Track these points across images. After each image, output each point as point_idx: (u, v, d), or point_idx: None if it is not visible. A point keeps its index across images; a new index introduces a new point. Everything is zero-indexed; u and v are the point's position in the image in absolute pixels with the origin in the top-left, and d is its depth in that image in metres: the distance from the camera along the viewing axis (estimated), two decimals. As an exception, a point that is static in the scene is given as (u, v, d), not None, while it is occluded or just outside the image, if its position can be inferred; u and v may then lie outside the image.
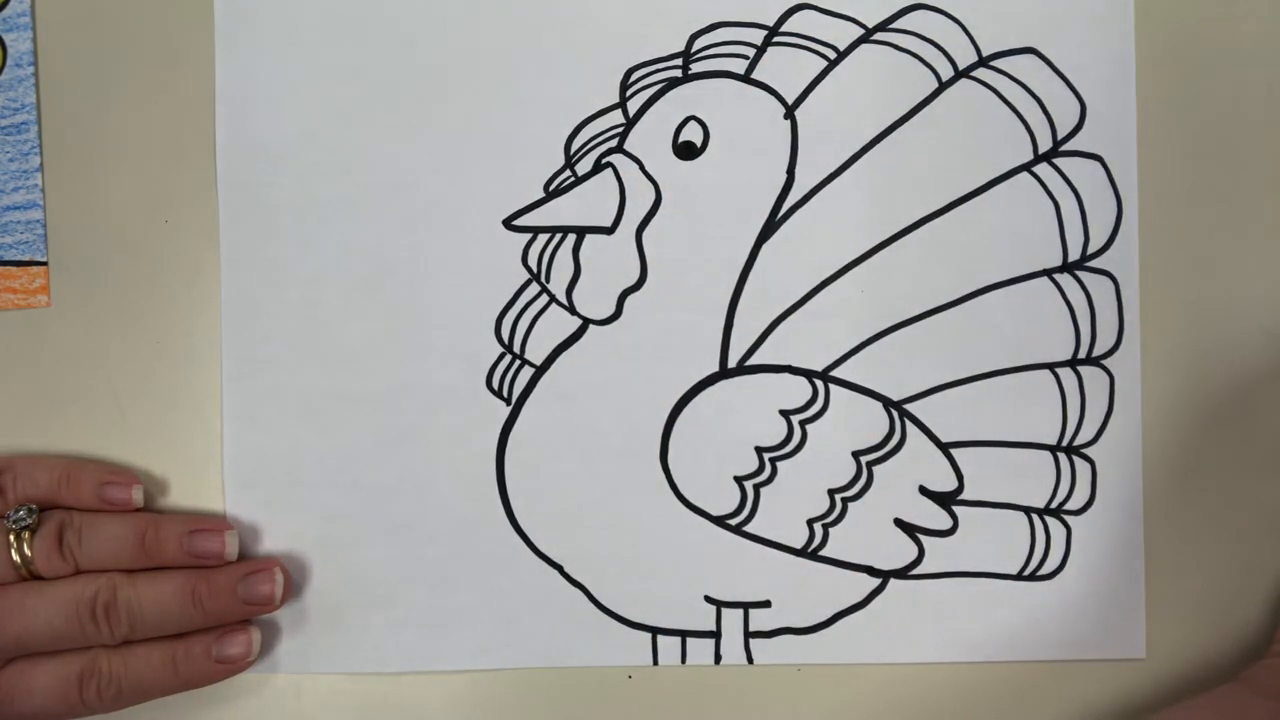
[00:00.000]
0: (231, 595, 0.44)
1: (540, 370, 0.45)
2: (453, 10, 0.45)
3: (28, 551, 0.42)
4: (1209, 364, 0.45)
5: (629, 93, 0.45)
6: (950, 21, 0.45)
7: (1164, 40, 0.45)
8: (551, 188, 0.45)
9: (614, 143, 0.45)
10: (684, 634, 0.45)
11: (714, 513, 0.45)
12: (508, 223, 0.45)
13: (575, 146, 0.45)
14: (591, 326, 0.45)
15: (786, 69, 0.45)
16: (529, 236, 0.45)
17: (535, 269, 0.45)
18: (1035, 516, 0.45)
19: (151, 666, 0.43)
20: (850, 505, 0.45)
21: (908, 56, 0.45)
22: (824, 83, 0.45)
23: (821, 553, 0.45)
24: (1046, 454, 0.45)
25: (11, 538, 0.42)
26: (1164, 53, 0.45)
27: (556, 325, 0.45)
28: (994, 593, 0.45)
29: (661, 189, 0.45)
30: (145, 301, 0.45)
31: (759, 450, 0.45)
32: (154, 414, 0.45)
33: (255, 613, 0.44)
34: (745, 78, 0.45)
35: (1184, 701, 0.43)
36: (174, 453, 0.45)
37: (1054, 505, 0.45)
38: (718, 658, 0.45)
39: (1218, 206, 0.45)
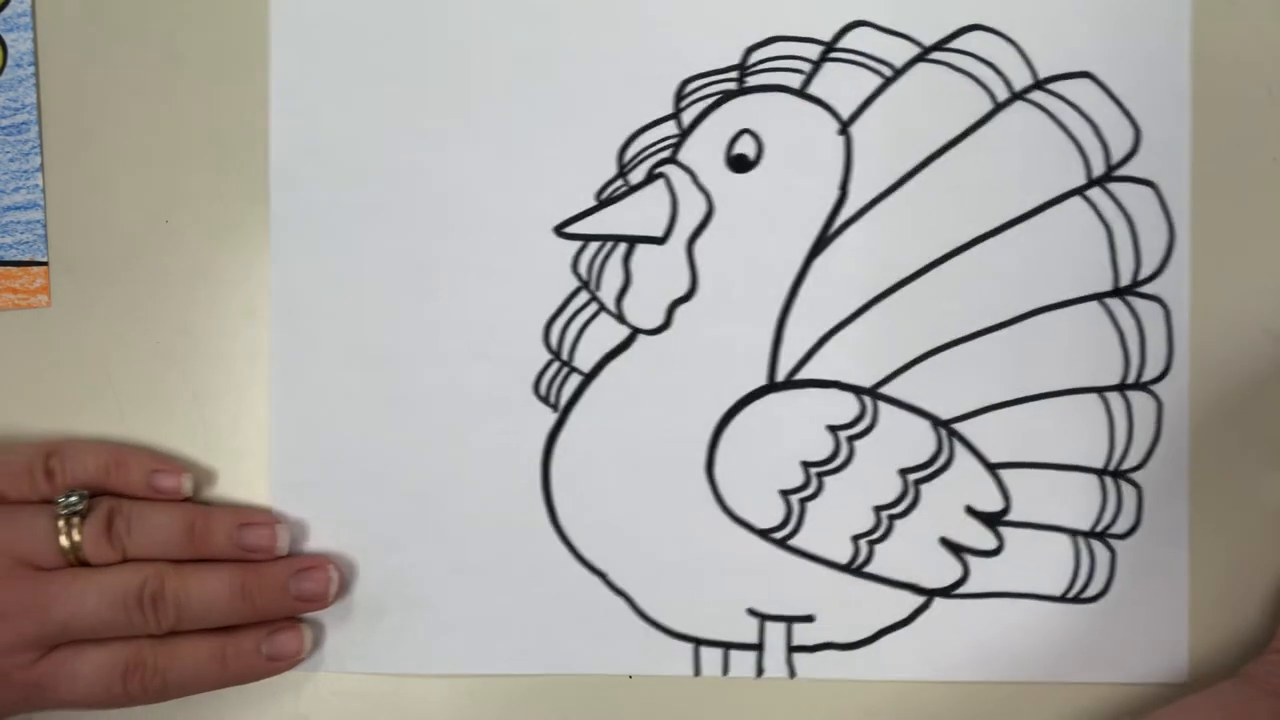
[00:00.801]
0: (282, 591, 0.44)
1: (588, 378, 0.45)
2: (508, 16, 0.45)
3: (77, 537, 0.42)
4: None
5: (683, 104, 0.45)
6: (1006, 43, 0.45)
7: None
8: (603, 196, 0.45)
9: (667, 153, 0.45)
10: (727, 646, 0.45)
11: (759, 525, 0.45)
12: (559, 230, 0.45)
13: (628, 156, 0.45)
14: (640, 336, 0.45)
15: (842, 85, 0.45)
16: (579, 244, 0.45)
17: (585, 277, 0.45)
18: (1080, 539, 0.45)
19: (199, 660, 0.42)
20: (896, 523, 0.45)
21: (964, 76, 0.45)
22: (879, 100, 0.45)
23: (866, 569, 0.45)
24: (1093, 477, 0.45)
25: (61, 523, 0.42)
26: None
27: (605, 334, 0.45)
28: (1038, 614, 0.45)
29: (714, 200, 0.45)
30: (146, 301, 0.45)
31: (805, 465, 0.45)
32: (154, 415, 0.45)
33: (305, 609, 0.44)
34: (800, 92, 0.45)
35: (1185, 699, 0.43)
36: (174, 453, 0.45)
37: (1099, 529, 0.45)
38: (760, 670, 0.45)
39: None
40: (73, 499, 0.42)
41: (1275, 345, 0.45)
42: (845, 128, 0.45)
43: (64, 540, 0.42)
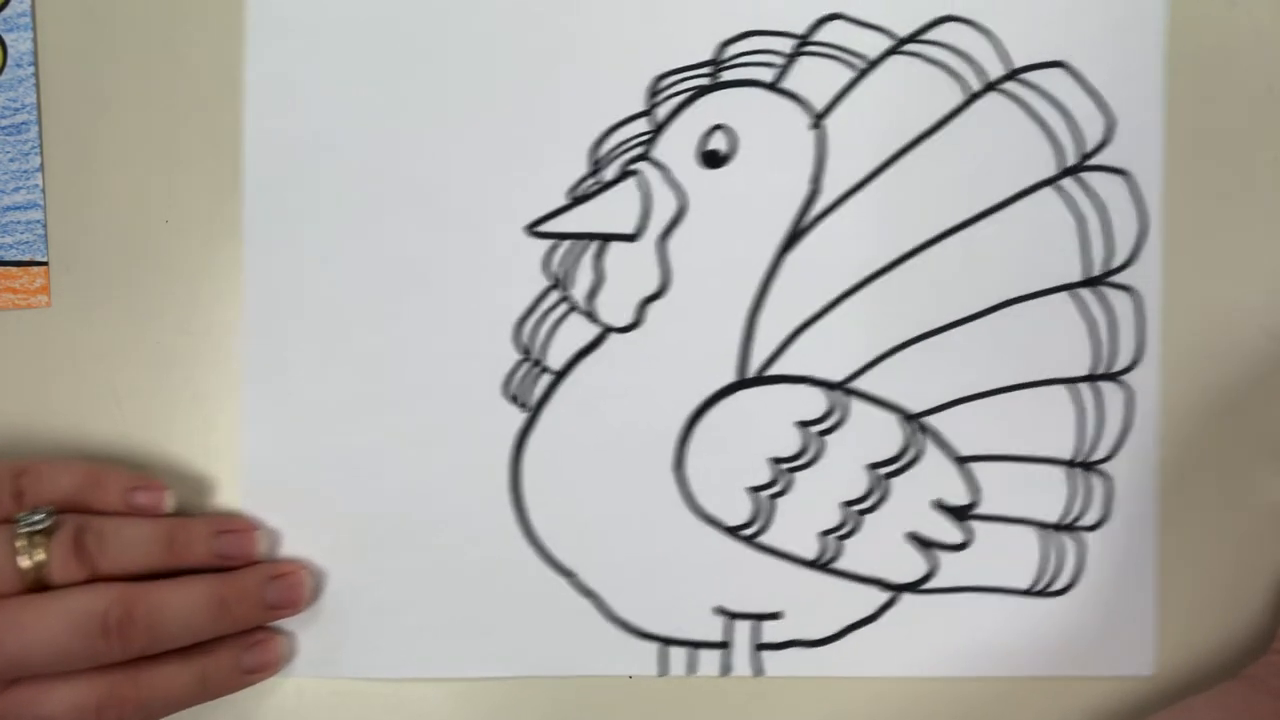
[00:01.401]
0: (258, 600, 0.43)
1: (559, 377, 0.45)
2: (480, 15, 0.45)
3: (40, 556, 0.39)
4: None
5: (656, 100, 0.45)
6: (980, 34, 0.45)
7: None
8: (576, 194, 0.45)
9: (640, 150, 0.45)
10: (693, 644, 0.45)
11: (728, 523, 0.45)
12: (531, 229, 0.45)
13: (601, 153, 0.45)
14: (611, 334, 0.45)
15: (816, 78, 0.45)
16: (550, 243, 0.45)
17: (556, 275, 0.45)
18: (1049, 532, 0.45)
19: (178, 686, 0.41)
20: (865, 518, 0.45)
21: (937, 68, 0.45)
22: (853, 93, 0.45)
23: (834, 566, 0.45)
24: (1062, 469, 0.45)
25: (19, 543, 0.39)
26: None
27: (576, 332, 0.45)
28: (1005, 608, 0.45)
29: (687, 197, 0.45)
30: (146, 301, 0.45)
31: (774, 461, 0.45)
32: (153, 415, 0.45)
33: (279, 617, 0.44)
34: (774, 87, 0.45)
35: (1187, 700, 0.43)
36: (174, 454, 0.45)
37: (1068, 521, 0.45)
38: (726, 669, 0.45)
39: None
40: (36, 516, 0.40)
41: (1269, 343, 0.45)
42: (818, 121, 0.45)
43: (24, 561, 0.39)
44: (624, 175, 0.45)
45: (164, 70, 0.45)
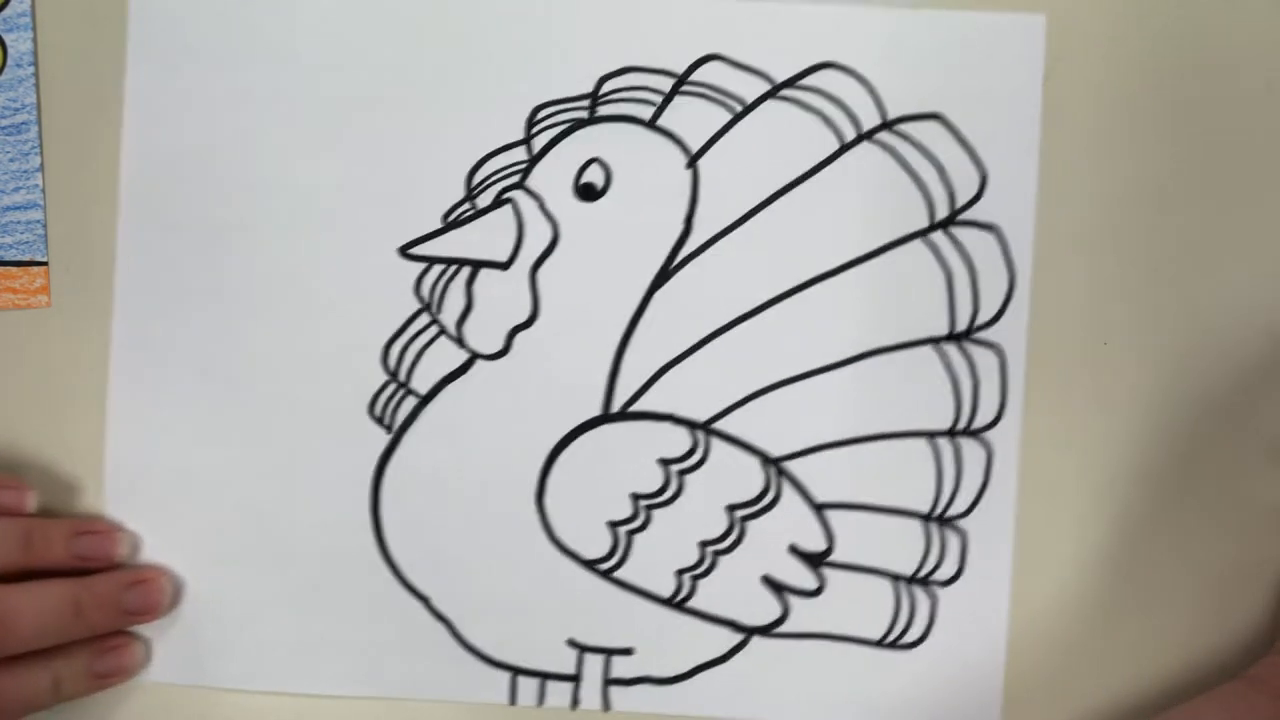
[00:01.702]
0: (114, 605, 0.43)
1: (424, 401, 0.45)
2: (363, 37, 0.45)
3: None
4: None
5: (534, 130, 0.45)
6: (858, 82, 0.45)
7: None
8: (450, 219, 0.45)
9: (516, 179, 0.45)
10: (544, 676, 0.45)
11: (585, 556, 0.45)
12: (404, 251, 0.45)
13: (477, 180, 0.45)
14: (479, 361, 0.45)
15: (692, 119, 0.45)
16: (423, 266, 0.45)
17: (427, 299, 0.45)
18: (902, 584, 0.45)
19: (30, 689, 0.41)
20: (720, 559, 0.45)
21: (813, 115, 0.45)
22: (728, 135, 0.45)
23: (688, 604, 0.45)
24: (918, 522, 0.45)
25: None
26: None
27: (444, 357, 0.45)
28: (856, 658, 0.45)
29: (560, 228, 0.45)
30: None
31: (634, 497, 0.45)
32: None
33: (136, 622, 0.44)
34: (651, 124, 0.45)
35: (1188, 701, 0.43)
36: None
37: (922, 574, 0.45)
38: (575, 702, 0.45)
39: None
40: None
41: (1266, 342, 0.44)
42: (693, 161, 0.45)
43: None
44: (499, 203, 0.45)
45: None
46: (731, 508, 0.45)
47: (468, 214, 0.45)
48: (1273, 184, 0.45)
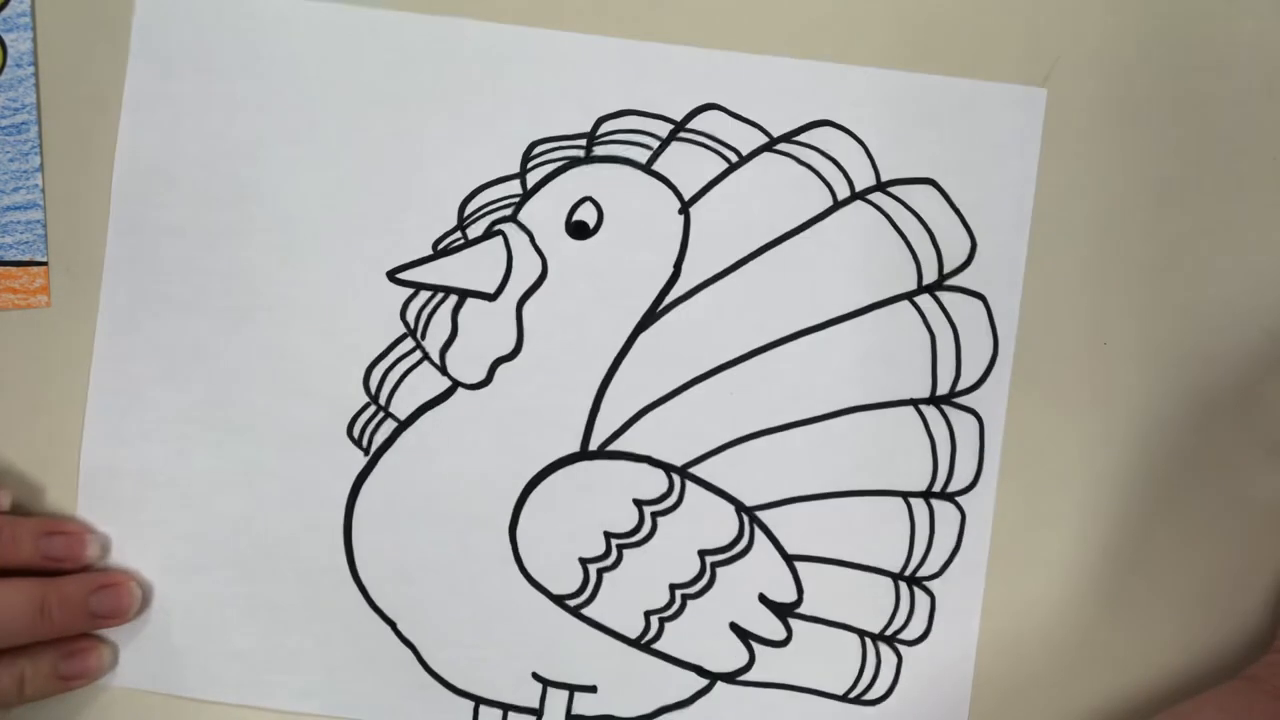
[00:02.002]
0: (81, 608, 0.43)
1: (403, 425, 0.45)
2: (367, 60, 0.45)
3: None
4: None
5: (530, 165, 0.45)
6: (854, 141, 0.45)
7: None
8: (440, 247, 0.45)
9: (508, 211, 0.45)
10: (506, 708, 0.45)
11: (555, 591, 0.45)
12: (392, 274, 0.45)
13: (470, 210, 0.45)
14: (460, 389, 0.45)
15: (687, 165, 0.45)
16: (410, 291, 0.45)
17: (412, 324, 0.45)
18: (869, 640, 0.45)
19: None
20: (690, 602, 0.45)
21: (807, 170, 0.45)
22: (722, 184, 0.45)
23: (655, 646, 0.45)
24: (889, 580, 0.45)
25: None
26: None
27: (426, 383, 0.45)
28: (819, 710, 0.45)
29: (549, 264, 0.45)
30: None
31: (608, 535, 0.45)
32: None
33: (102, 626, 0.44)
34: (646, 167, 0.45)
35: (1188, 701, 0.43)
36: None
37: (889, 632, 0.45)
38: (535, 736, 0.45)
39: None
40: None
41: (1266, 342, 0.44)
42: (686, 207, 0.45)
43: None
44: (490, 234, 0.45)
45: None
46: (704, 553, 0.45)
47: (458, 243, 0.45)
48: (1273, 184, 0.45)
